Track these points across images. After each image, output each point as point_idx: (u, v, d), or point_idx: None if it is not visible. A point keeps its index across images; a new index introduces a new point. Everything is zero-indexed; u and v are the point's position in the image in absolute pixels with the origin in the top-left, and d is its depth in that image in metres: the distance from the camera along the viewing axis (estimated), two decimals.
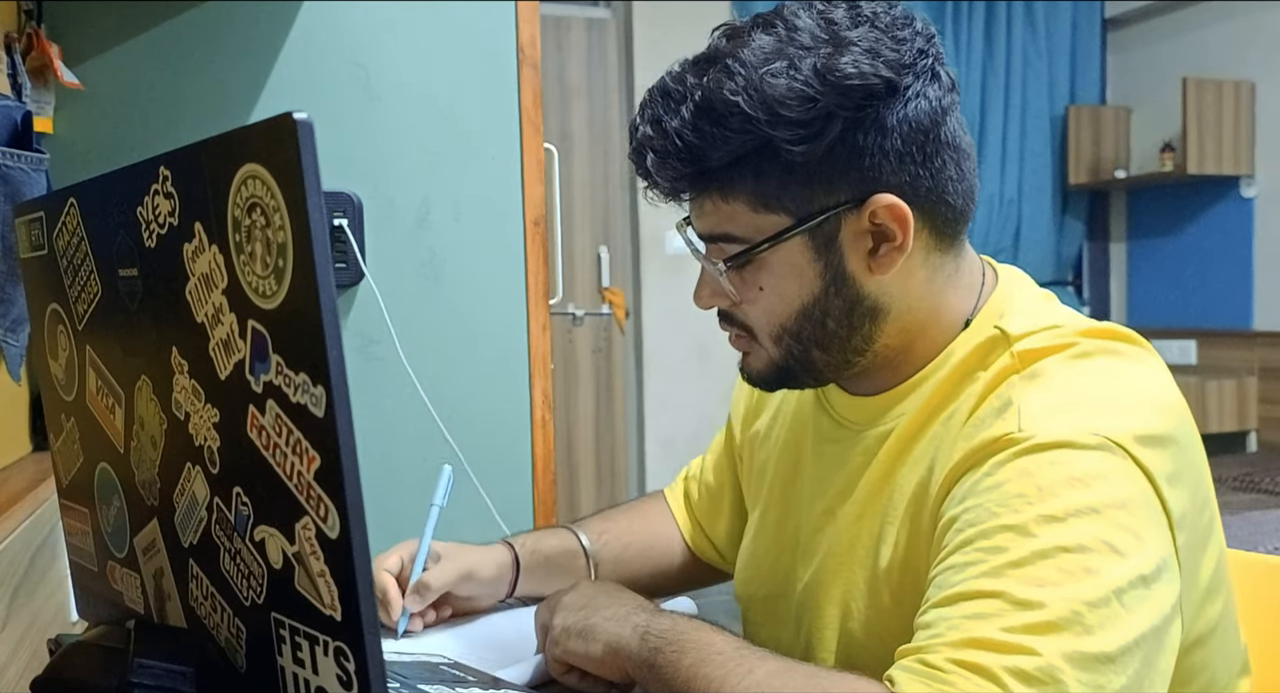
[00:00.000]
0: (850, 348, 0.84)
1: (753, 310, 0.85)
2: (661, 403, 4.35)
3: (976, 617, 0.66)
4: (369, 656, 0.52)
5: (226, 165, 0.54)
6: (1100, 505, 0.68)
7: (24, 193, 1.20)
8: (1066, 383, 0.76)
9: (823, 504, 0.91)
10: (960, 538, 0.71)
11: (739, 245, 0.82)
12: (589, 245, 4.29)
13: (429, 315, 1.79)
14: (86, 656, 0.66)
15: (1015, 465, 0.71)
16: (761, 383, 0.90)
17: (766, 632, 0.98)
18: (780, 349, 0.85)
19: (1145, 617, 0.66)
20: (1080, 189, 4.85)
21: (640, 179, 0.85)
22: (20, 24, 1.45)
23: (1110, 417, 0.73)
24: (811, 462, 0.95)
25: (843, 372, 0.87)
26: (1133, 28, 4.83)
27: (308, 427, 0.52)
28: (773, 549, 0.98)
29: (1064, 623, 0.64)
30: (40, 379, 0.85)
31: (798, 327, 0.83)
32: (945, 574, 0.70)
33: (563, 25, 4.21)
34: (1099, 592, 0.65)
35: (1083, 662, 0.63)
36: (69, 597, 1.13)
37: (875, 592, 0.84)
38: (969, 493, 0.73)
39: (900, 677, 0.66)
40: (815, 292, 0.82)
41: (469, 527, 1.70)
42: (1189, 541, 0.74)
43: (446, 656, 0.94)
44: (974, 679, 0.63)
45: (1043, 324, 0.81)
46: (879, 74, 0.76)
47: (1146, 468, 0.71)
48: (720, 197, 0.81)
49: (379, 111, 1.76)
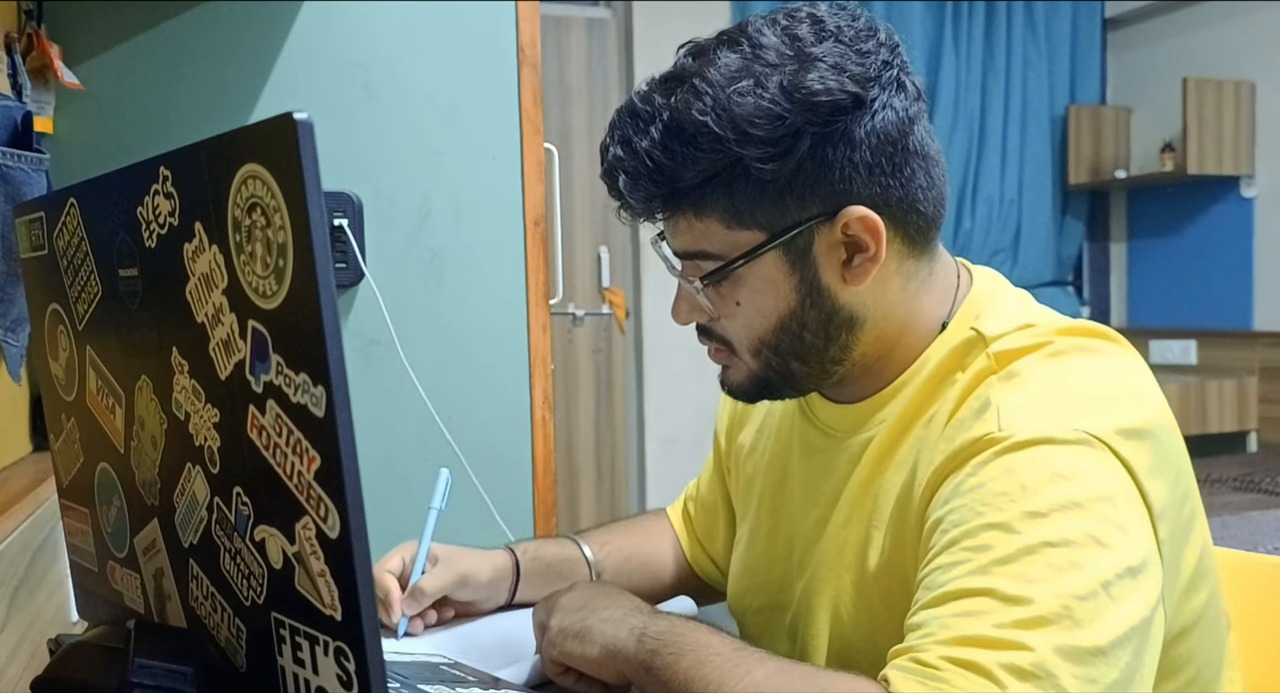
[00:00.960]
0: (828, 358, 0.85)
1: (731, 325, 0.86)
2: (661, 403, 4.35)
3: (967, 615, 0.66)
4: (369, 656, 0.52)
5: (227, 165, 0.54)
6: (1083, 500, 0.69)
7: (24, 193, 1.20)
8: (1043, 381, 0.77)
9: (815, 514, 0.91)
10: (946, 539, 0.71)
11: (715, 262, 0.83)
12: (589, 245, 4.29)
13: (429, 315, 1.79)
14: (87, 656, 0.66)
15: (997, 464, 0.72)
16: (743, 395, 0.91)
17: (763, 644, 0.98)
18: (759, 362, 0.86)
19: (1133, 609, 0.67)
20: (1080, 189, 4.85)
21: (613, 200, 0.85)
22: (20, 24, 1.45)
23: (1089, 412, 0.73)
24: (799, 472, 0.95)
25: (822, 382, 0.88)
26: (1133, 28, 4.83)
27: (308, 427, 0.52)
28: (764, 562, 0.98)
29: (1054, 617, 0.64)
30: (40, 379, 0.85)
31: (775, 340, 0.84)
32: (933, 575, 0.71)
33: (563, 25, 4.21)
34: (1087, 585, 0.66)
35: (1075, 655, 0.64)
36: (69, 597, 1.13)
37: (864, 596, 0.84)
38: (953, 494, 0.73)
39: (895, 676, 0.66)
40: (791, 305, 0.83)
41: (469, 527, 1.70)
42: (1170, 533, 0.75)
43: (446, 656, 0.94)
44: (969, 676, 0.63)
45: (1018, 324, 0.82)
46: (845, 89, 0.77)
47: (1127, 461, 0.72)
48: (694, 215, 0.81)
49: (379, 111, 1.76)
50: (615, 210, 0.87)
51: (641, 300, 4.32)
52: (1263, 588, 1.04)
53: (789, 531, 0.95)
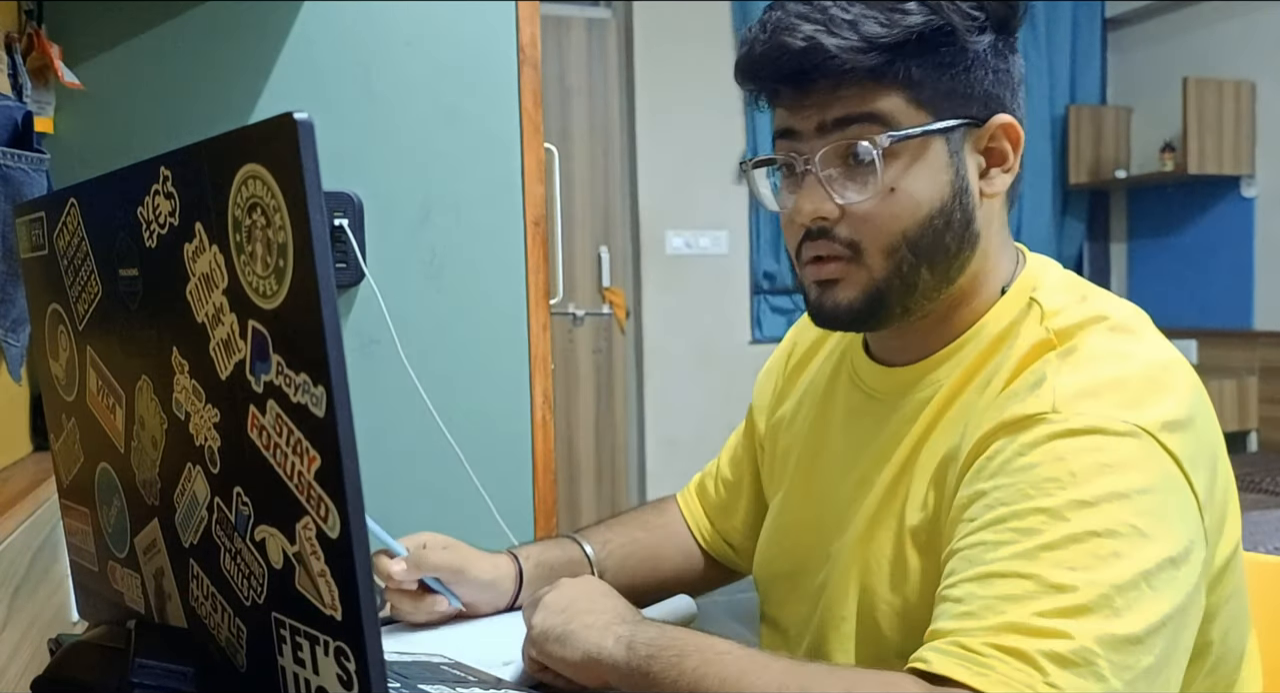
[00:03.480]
0: (947, 276, 0.85)
1: (873, 217, 0.83)
2: (661, 403, 4.35)
3: (1010, 599, 0.68)
4: (369, 655, 0.52)
5: (227, 165, 0.54)
6: (1129, 491, 0.71)
7: (25, 193, 1.20)
8: (1099, 363, 0.78)
9: (857, 474, 0.92)
10: (992, 515, 0.73)
11: (888, 130, 0.81)
12: (589, 245, 4.29)
13: (429, 315, 1.79)
14: (87, 656, 0.66)
15: (1048, 448, 0.73)
16: (843, 315, 0.87)
17: (787, 610, 0.99)
18: (889, 265, 0.84)
19: (1170, 597, 0.69)
20: (1080, 189, 4.85)
21: (764, 76, 0.84)
22: (21, 24, 1.45)
23: (1139, 404, 0.75)
24: (840, 437, 0.96)
25: (925, 306, 0.86)
26: (1133, 28, 4.83)
27: (308, 427, 0.52)
28: (796, 527, 0.99)
29: (1095, 606, 0.67)
30: (41, 379, 0.85)
31: (918, 234, 0.83)
32: (976, 550, 0.73)
33: (563, 25, 4.21)
34: (1127, 575, 0.68)
35: (1113, 644, 0.66)
36: (69, 597, 1.13)
37: (900, 551, 0.85)
38: (1000, 470, 0.75)
39: (936, 659, 0.68)
40: (944, 198, 0.83)
41: (469, 527, 1.70)
42: (1210, 520, 0.77)
43: (446, 656, 0.94)
44: (1013, 664, 0.66)
45: (1074, 299, 0.84)
46: (1019, 6, 0.85)
47: (1174, 453, 0.74)
48: (876, 81, 0.81)
49: (379, 111, 1.76)
50: (751, 96, 0.87)
51: (641, 300, 4.32)
52: (1263, 588, 1.04)
53: (825, 494, 0.96)
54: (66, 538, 0.88)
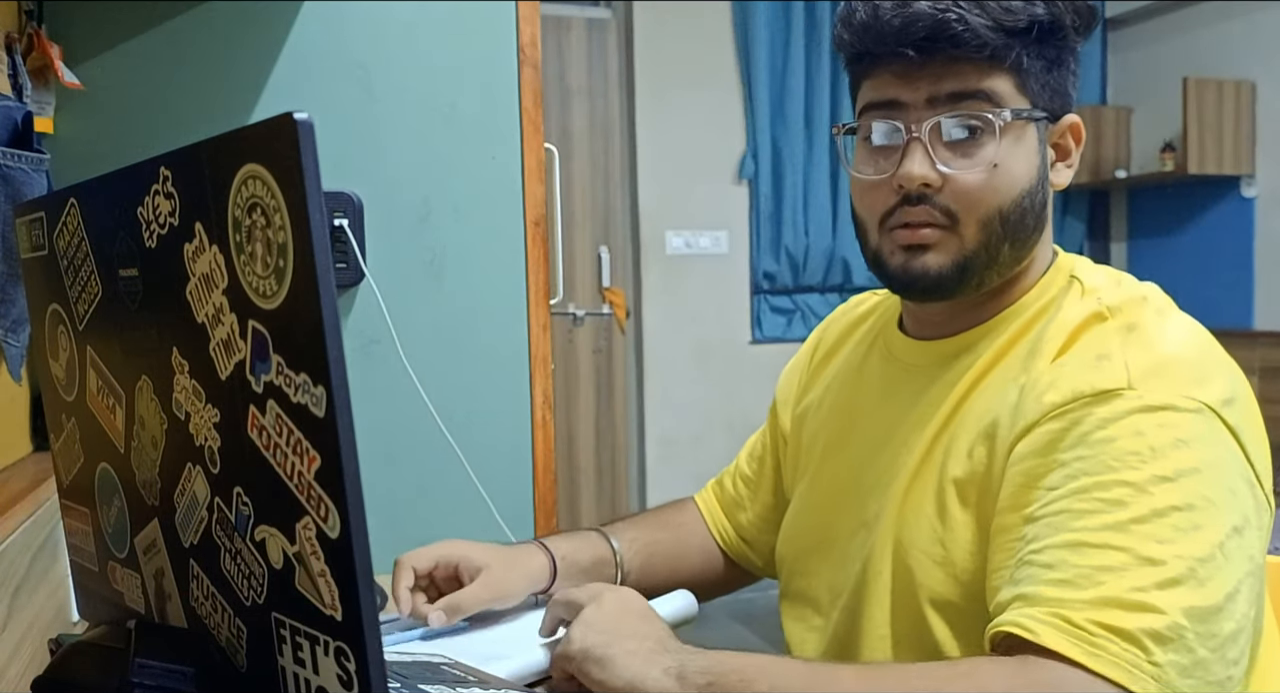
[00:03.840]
0: (1020, 255, 0.90)
1: (977, 188, 0.87)
2: (661, 403, 4.35)
3: (1106, 569, 0.72)
4: (369, 656, 0.52)
5: (227, 165, 0.54)
6: (1201, 465, 0.76)
7: (25, 193, 1.20)
8: (1162, 344, 0.83)
9: (896, 441, 0.94)
10: (1076, 485, 0.77)
11: (1002, 108, 0.86)
12: (589, 245, 4.29)
13: (429, 316, 1.79)
14: (87, 656, 0.66)
15: (1127, 423, 0.77)
16: (932, 279, 0.89)
17: (817, 581, 1.00)
18: (981, 237, 0.88)
19: (1241, 563, 0.75)
20: (1080, 189, 4.85)
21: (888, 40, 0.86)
22: (21, 24, 1.45)
23: (1201, 382, 0.80)
24: (877, 409, 0.99)
25: (995, 281, 0.91)
26: (1133, 28, 4.83)
27: (308, 427, 0.52)
28: (826, 502, 1.01)
29: (1182, 579, 0.71)
30: (41, 379, 0.85)
31: (1010, 211, 0.87)
32: (1062, 518, 0.76)
33: (563, 25, 4.21)
34: (1206, 547, 0.73)
35: (1199, 615, 0.71)
36: (69, 597, 1.13)
37: (941, 502, 0.87)
38: (1080, 441, 0.78)
39: (1043, 631, 0.71)
40: (1033, 181, 0.89)
41: (469, 527, 1.71)
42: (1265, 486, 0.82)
43: (446, 656, 0.94)
44: (1119, 643, 0.70)
45: (1111, 281, 0.90)
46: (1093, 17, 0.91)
47: (1232, 427, 0.79)
48: (991, 64, 0.86)
49: (379, 111, 1.76)
50: (857, 59, 0.90)
51: (641, 300, 4.32)
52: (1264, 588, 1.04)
53: (861, 464, 0.98)
54: (66, 538, 0.88)
